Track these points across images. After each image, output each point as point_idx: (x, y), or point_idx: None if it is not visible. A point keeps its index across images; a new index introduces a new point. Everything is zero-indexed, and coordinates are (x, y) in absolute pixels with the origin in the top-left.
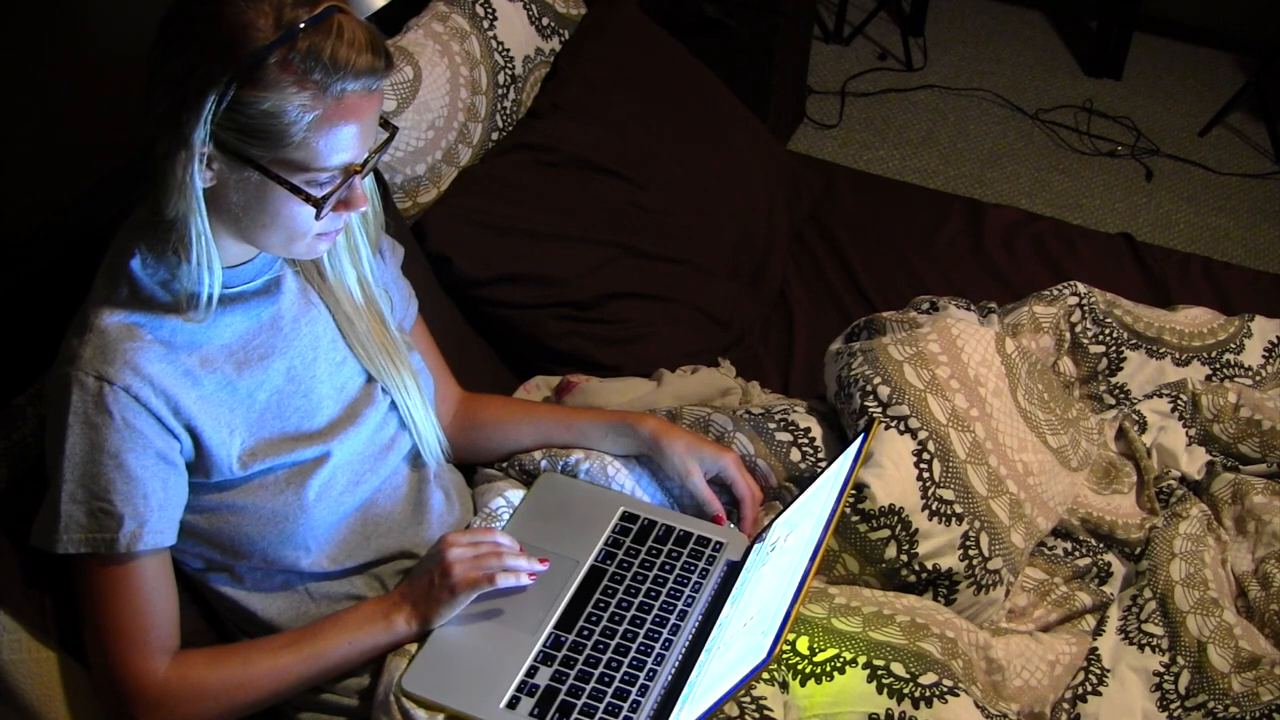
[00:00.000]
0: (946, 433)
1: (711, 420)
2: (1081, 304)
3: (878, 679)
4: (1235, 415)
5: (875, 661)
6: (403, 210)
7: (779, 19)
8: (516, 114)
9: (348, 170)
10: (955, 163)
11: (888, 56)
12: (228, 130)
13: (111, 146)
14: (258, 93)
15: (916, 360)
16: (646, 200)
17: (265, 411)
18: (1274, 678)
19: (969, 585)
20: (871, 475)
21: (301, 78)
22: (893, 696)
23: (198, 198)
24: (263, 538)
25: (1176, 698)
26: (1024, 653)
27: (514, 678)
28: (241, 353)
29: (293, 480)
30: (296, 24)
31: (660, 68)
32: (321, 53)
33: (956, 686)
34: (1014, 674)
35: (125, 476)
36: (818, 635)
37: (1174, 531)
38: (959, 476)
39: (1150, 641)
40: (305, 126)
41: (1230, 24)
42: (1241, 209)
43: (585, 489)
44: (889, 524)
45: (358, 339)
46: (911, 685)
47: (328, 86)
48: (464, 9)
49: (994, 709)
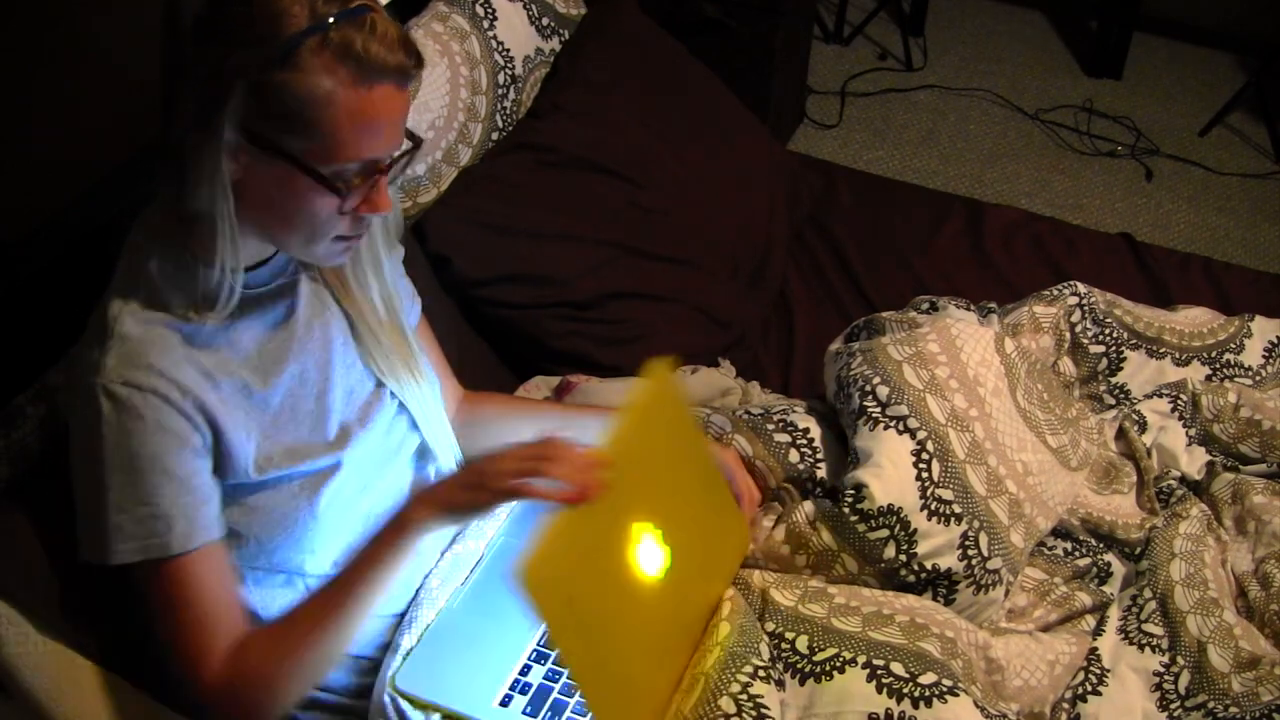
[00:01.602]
0: (946, 433)
1: (710, 420)
2: (1081, 304)
3: (877, 678)
4: (1235, 415)
5: (875, 661)
6: (403, 210)
7: (779, 19)
8: (516, 114)
9: (374, 166)
10: (955, 163)
11: (888, 56)
12: (258, 119)
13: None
14: (290, 77)
15: (916, 360)
16: (646, 200)
17: (279, 416)
18: (1274, 678)
19: (968, 585)
20: (870, 475)
21: (334, 66)
22: (892, 696)
23: (226, 188)
24: (270, 540)
25: (1176, 698)
26: (1023, 652)
27: (507, 676)
28: (256, 357)
29: (305, 488)
30: (330, 14)
31: (660, 68)
32: (353, 44)
33: (956, 686)
34: (1014, 674)
35: (169, 479)
36: (817, 634)
37: (1174, 531)
38: (958, 476)
39: (1150, 641)
40: (335, 116)
41: (1230, 24)
42: (1241, 209)
43: None
44: (888, 524)
45: (377, 349)
46: (911, 685)
47: (359, 78)
48: (464, 9)
49: (993, 709)
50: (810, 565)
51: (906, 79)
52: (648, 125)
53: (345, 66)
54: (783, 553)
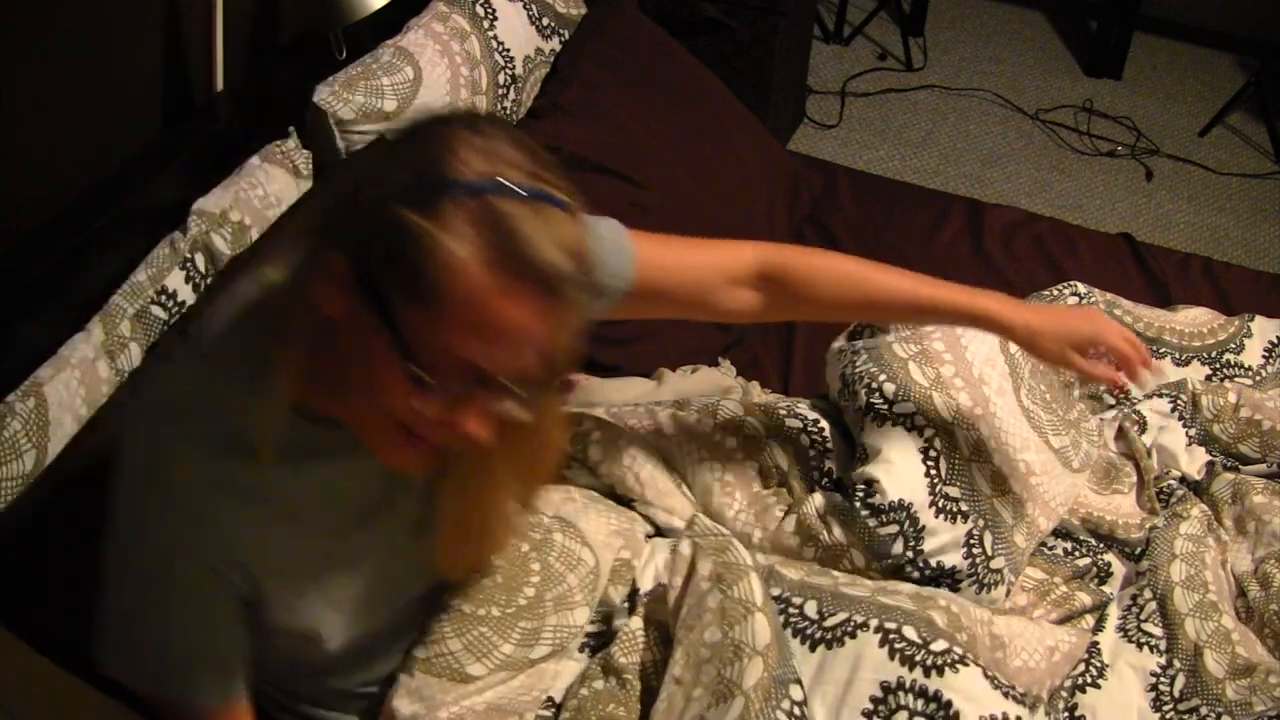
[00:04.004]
0: (952, 430)
1: (722, 405)
2: (1081, 304)
3: (890, 643)
4: (1235, 415)
5: (888, 624)
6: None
7: (779, 19)
8: (516, 114)
9: (479, 378)
10: (955, 163)
11: (888, 56)
12: (375, 254)
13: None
14: (426, 224)
15: (921, 358)
16: (646, 200)
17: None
18: (1268, 686)
19: (971, 584)
20: (881, 470)
21: (480, 237)
22: (905, 664)
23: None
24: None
25: (1170, 700)
26: (1024, 633)
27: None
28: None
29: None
30: (505, 179)
31: (660, 68)
32: (519, 226)
33: (966, 656)
34: (1014, 653)
35: (212, 642)
36: (826, 600)
37: (1174, 532)
38: (964, 474)
39: (1150, 641)
40: (457, 292)
41: (1230, 24)
42: (1241, 209)
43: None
44: (898, 519)
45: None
46: (924, 653)
47: (502, 264)
48: (464, 9)
49: (1000, 676)
50: (818, 559)
51: (906, 79)
52: (648, 125)
53: (493, 243)
54: (790, 544)
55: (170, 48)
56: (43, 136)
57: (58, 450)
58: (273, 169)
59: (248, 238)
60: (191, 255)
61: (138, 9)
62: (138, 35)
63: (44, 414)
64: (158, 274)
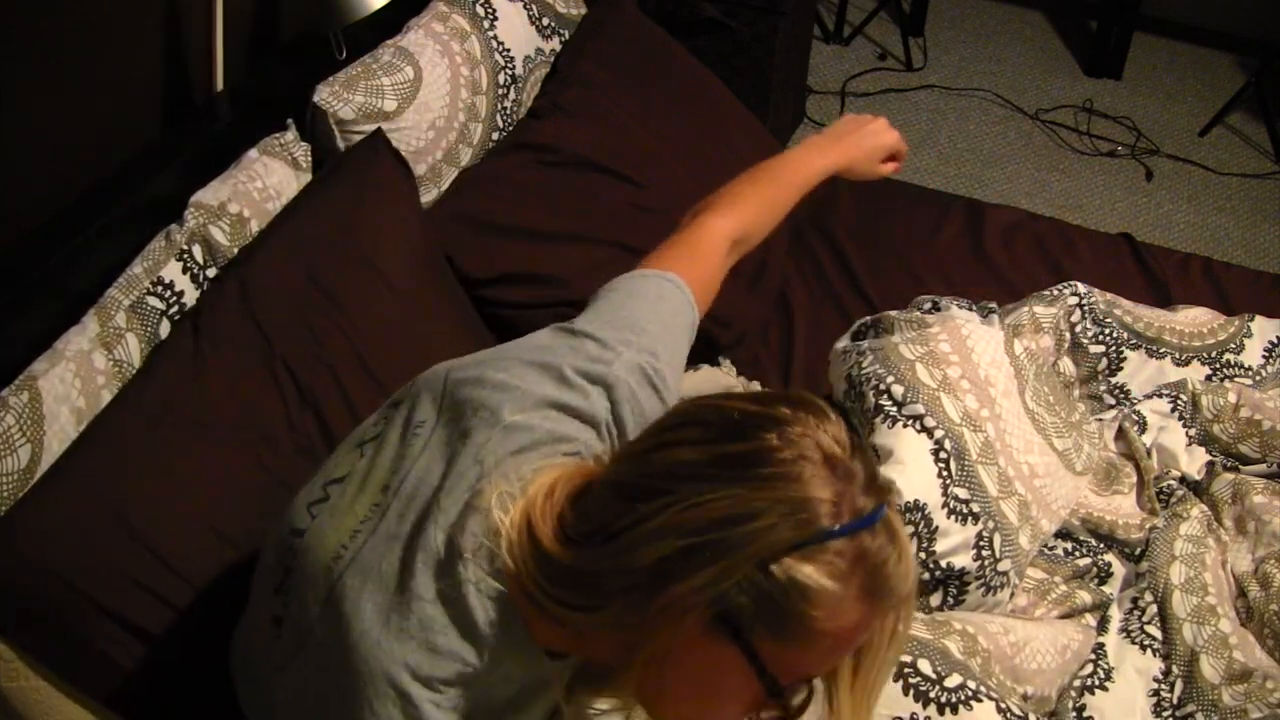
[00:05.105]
0: (961, 432)
1: None
2: (1081, 304)
3: (904, 677)
4: (1235, 415)
5: (902, 656)
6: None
7: (779, 19)
8: (517, 114)
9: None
10: (955, 163)
11: (888, 56)
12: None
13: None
14: (802, 567)
15: (928, 360)
16: (647, 200)
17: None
18: (1265, 692)
19: (979, 586)
20: (894, 472)
21: (858, 577)
22: (919, 700)
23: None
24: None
25: (1169, 705)
26: (1038, 635)
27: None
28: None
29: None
30: (864, 516)
31: (660, 68)
32: (886, 558)
33: (979, 691)
34: (1030, 656)
35: None
36: None
37: (1174, 533)
38: (973, 476)
39: (1152, 644)
40: (824, 624)
41: (1230, 24)
42: (1241, 209)
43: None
44: (912, 520)
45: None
46: (938, 689)
47: (867, 594)
48: (464, 9)
49: (1014, 706)
50: None
51: (906, 79)
52: (648, 125)
53: (865, 584)
54: None
55: (170, 47)
56: (43, 136)
57: (54, 445)
58: (271, 161)
59: (247, 230)
60: (189, 247)
61: (138, 9)
62: (138, 35)
63: (39, 408)
64: (153, 266)
